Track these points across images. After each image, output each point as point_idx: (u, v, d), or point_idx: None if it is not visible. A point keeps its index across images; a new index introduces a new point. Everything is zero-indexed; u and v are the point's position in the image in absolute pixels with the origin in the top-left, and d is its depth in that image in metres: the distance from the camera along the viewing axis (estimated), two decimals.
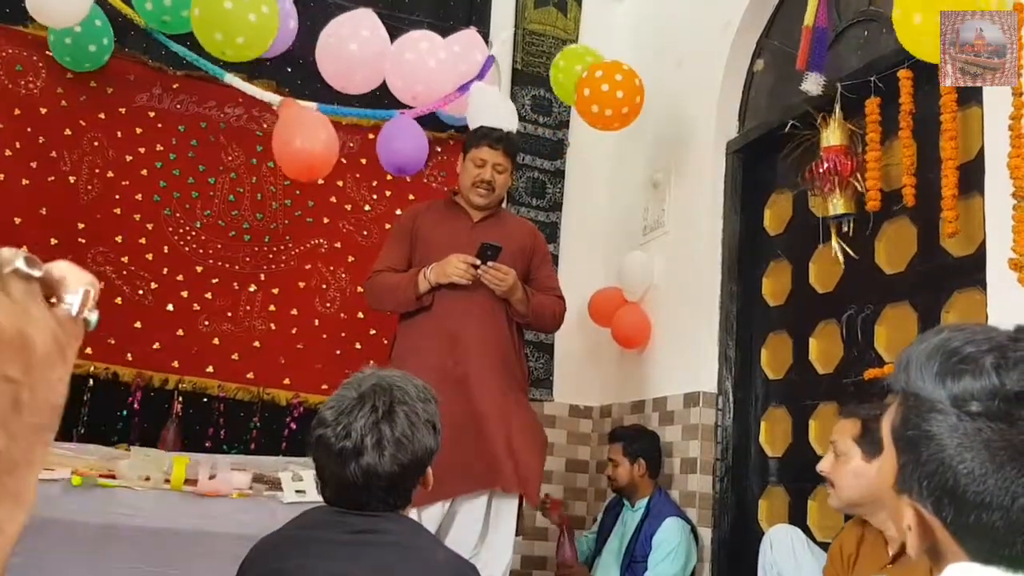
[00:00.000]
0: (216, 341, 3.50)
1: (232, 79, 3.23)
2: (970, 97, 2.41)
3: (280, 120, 3.11)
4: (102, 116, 3.48)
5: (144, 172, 3.51)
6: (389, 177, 3.72)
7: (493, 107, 3.15)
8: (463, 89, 3.28)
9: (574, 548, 3.39)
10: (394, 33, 3.29)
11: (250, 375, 3.52)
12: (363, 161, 3.78)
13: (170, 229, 3.52)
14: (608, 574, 3.22)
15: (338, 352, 3.67)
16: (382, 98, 3.56)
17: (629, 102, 3.37)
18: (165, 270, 3.48)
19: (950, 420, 0.78)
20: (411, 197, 3.71)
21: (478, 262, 2.72)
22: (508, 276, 2.75)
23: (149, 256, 3.46)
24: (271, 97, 3.21)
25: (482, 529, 2.72)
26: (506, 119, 3.11)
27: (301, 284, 3.67)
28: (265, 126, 3.69)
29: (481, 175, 2.88)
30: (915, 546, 0.84)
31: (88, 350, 3.30)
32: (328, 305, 3.71)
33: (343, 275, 3.74)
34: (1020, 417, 0.75)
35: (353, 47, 3.11)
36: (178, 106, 3.55)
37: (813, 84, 2.82)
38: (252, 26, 2.90)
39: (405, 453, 1.43)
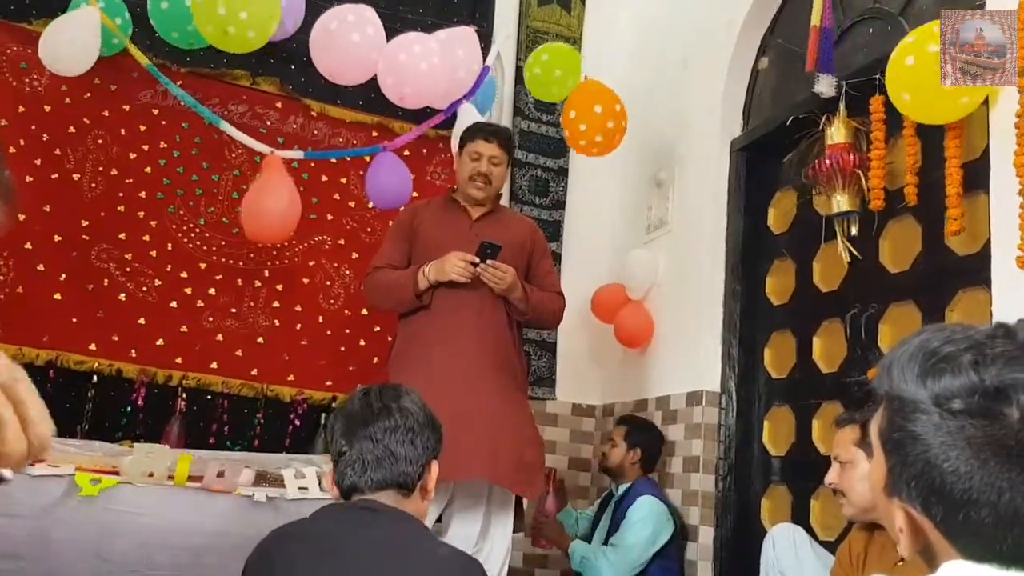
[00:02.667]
0: (220, 338, 3.51)
1: (226, 126, 3.29)
2: None
3: (254, 185, 3.24)
4: (106, 113, 3.48)
5: (148, 169, 3.51)
6: None
7: None
8: (451, 108, 3.32)
9: (557, 503, 3.42)
10: (396, 30, 3.29)
11: (254, 372, 3.52)
12: (367, 159, 3.78)
13: (174, 226, 3.53)
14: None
15: (342, 349, 3.67)
16: (385, 98, 3.56)
17: (607, 141, 3.45)
18: (169, 267, 3.48)
19: (933, 419, 0.78)
20: (415, 194, 3.71)
21: (477, 260, 2.72)
22: (507, 275, 2.75)
23: (153, 253, 3.47)
24: (260, 147, 3.29)
25: (482, 525, 2.72)
26: None
27: (305, 281, 3.68)
28: (269, 123, 3.69)
29: (477, 168, 2.90)
30: (908, 548, 0.84)
31: (92, 347, 3.31)
32: (332, 302, 3.71)
33: (347, 272, 3.74)
34: (1001, 413, 0.76)
35: (355, 38, 3.11)
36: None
37: (826, 86, 2.80)
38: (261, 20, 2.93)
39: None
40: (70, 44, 3.07)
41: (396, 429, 1.50)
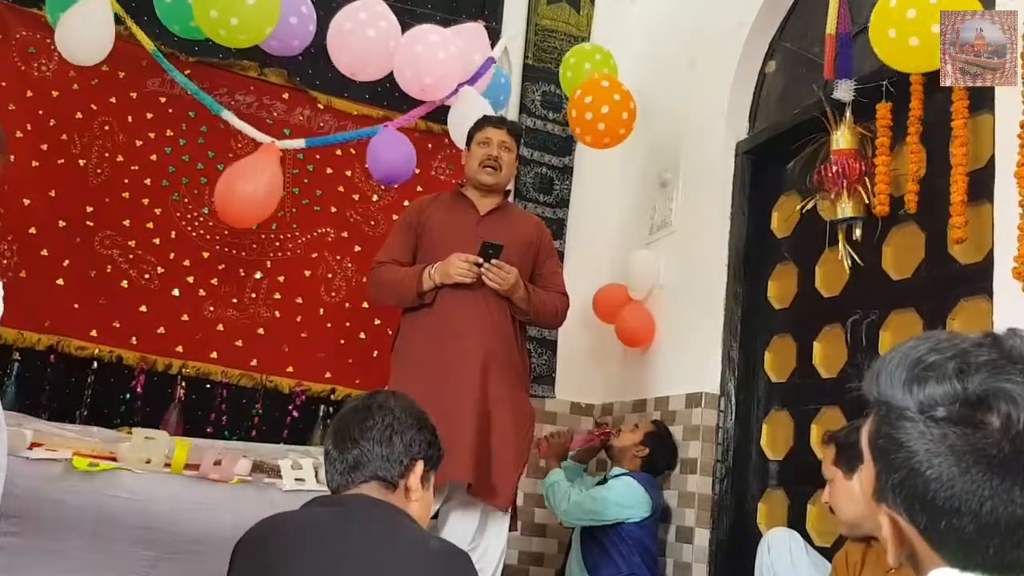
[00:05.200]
0: (220, 327, 3.51)
1: (228, 116, 3.29)
2: (981, 104, 2.40)
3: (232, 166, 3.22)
4: (113, 100, 3.48)
5: (153, 157, 3.52)
6: None
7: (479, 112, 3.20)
8: (452, 93, 3.31)
9: (583, 444, 3.49)
10: (405, 24, 3.29)
11: (253, 362, 3.53)
12: None
13: (178, 214, 3.53)
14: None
15: (342, 342, 3.68)
16: (392, 91, 3.56)
17: (612, 132, 3.42)
18: (172, 255, 3.49)
19: (918, 427, 0.79)
20: (419, 188, 3.71)
21: (481, 261, 2.72)
22: (510, 275, 2.75)
23: (156, 241, 3.47)
24: (262, 137, 3.29)
25: (479, 522, 2.72)
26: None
27: (307, 273, 3.68)
28: (275, 114, 3.69)
29: (487, 152, 2.90)
30: (893, 554, 0.84)
31: (93, 332, 3.31)
32: (333, 294, 3.71)
33: (349, 265, 3.75)
34: (983, 421, 0.76)
35: (371, 33, 3.11)
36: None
37: (845, 92, 2.78)
38: (249, 9, 2.89)
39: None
40: (84, 35, 3.07)
41: (373, 428, 1.53)
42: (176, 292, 3.47)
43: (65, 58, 3.16)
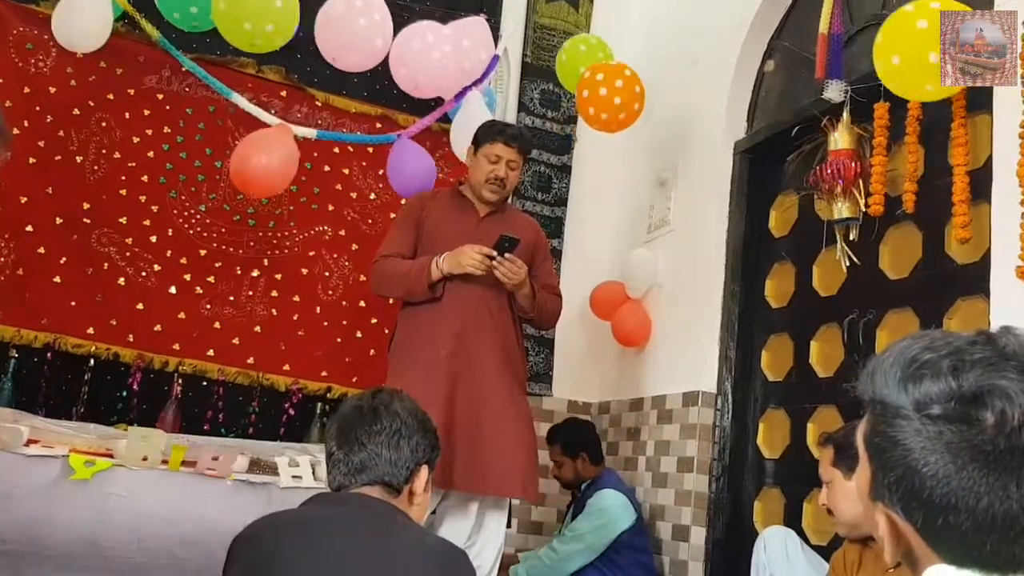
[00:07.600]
0: (217, 325, 3.51)
1: (238, 99, 3.26)
2: (979, 104, 2.40)
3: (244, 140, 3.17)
4: (111, 97, 3.47)
5: (151, 154, 3.51)
6: None
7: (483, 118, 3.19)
8: (460, 96, 3.31)
9: None
10: (404, 20, 3.28)
11: (250, 360, 3.52)
12: (369, 150, 3.78)
13: (175, 212, 3.52)
14: None
15: (338, 340, 3.67)
16: (390, 88, 3.56)
17: (627, 107, 3.39)
18: (169, 252, 3.48)
19: (913, 425, 0.79)
20: None
21: (494, 253, 2.70)
22: (521, 270, 2.74)
23: (153, 238, 3.47)
24: (272, 119, 3.26)
25: (475, 521, 2.72)
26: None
27: (304, 271, 3.68)
28: (273, 112, 3.68)
29: (495, 172, 2.85)
30: (890, 553, 0.85)
31: (90, 330, 3.31)
32: (330, 292, 3.71)
33: (346, 263, 3.74)
34: (977, 418, 0.76)
35: (361, 22, 3.07)
36: (187, 89, 3.55)
37: (836, 92, 2.80)
38: (279, 11, 2.89)
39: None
40: (82, 20, 3.04)
41: (381, 432, 1.53)
42: (173, 290, 3.47)
43: (61, 44, 3.10)
